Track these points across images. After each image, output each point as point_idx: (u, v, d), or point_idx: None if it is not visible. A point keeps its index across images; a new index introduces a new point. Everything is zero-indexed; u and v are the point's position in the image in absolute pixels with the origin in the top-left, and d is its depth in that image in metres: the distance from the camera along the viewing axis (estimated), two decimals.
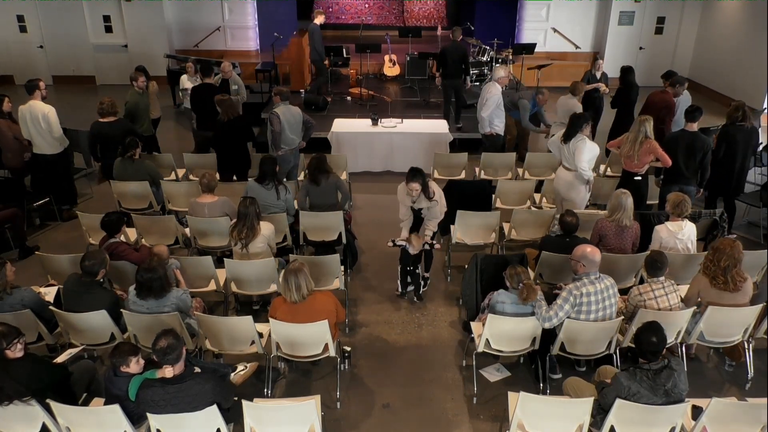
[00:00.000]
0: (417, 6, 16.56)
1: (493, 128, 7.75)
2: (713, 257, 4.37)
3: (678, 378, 3.46)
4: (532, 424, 3.61)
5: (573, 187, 6.03)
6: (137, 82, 7.87)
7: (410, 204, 5.50)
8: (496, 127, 7.76)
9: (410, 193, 5.30)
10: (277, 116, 6.98)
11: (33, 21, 13.09)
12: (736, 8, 12.08)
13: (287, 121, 7.04)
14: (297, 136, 7.21)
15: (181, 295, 4.37)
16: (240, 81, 8.67)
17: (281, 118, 6.97)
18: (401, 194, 5.50)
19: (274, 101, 7.31)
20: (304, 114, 7.34)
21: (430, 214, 5.50)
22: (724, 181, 6.53)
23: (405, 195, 5.43)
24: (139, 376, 3.52)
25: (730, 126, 6.47)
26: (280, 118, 6.96)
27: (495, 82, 7.61)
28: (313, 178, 5.95)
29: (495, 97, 7.56)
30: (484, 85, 7.93)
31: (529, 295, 4.23)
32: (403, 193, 5.44)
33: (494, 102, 7.57)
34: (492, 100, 7.55)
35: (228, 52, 13.55)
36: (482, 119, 7.71)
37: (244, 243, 5.10)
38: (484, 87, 7.81)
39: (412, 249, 5.48)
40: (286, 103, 7.19)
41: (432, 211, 5.47)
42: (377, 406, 4.49)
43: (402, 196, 5.50)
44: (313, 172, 5.95)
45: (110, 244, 5.11)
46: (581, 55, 13.84)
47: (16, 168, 7.15)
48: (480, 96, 7.86)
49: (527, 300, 4.23)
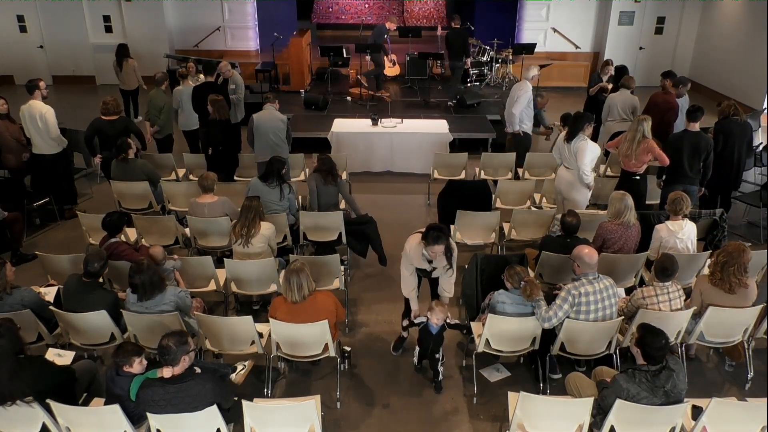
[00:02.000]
0: (417, 6, 16.57)
1: (522, 127, 7.72)
2: (722, 260, 4.35)
3: (677, 378, 3.46)
4: (532, 424, 3.62)
5: (574, 187, 6.03)
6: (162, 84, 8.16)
7: (426, 266, 4.56)
8: (524, 126, 7.76)
9: (430, 256, 4.43)
10: (251, 120, 6.97)
11: (33, 21, 13.09)
12: (736, 8, 12.08)
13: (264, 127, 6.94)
14: (280, 142, 7.06)
15: (180, 294, 4.37)
16: (240, 81, 8.66)
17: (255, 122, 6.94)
18: (413, 254, 4.49)
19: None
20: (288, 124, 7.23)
21: (446, 273, 4.59)
22: (724, 177, 6.54)
23: (419, 255, 4.47)
24: (140, 376, 3.52)
25: (725, 121, 6.49)
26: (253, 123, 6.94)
27: (527, 80, 7.61)
28: (324, 178, 5.95)
29: (527, 95, 7.55)
30: (515, 84, 7.88)
31: (532, 292, 4.21)
32: (417, 253, 4.47)
33: (526, 100, 7.56)
34: (524, 98, 7.54)
35: (228, 52, 13.56)
36: (512, 116, 7.66)
37: (245, 239, 5.10)
38: (515, 85, 7.78)
39: (435, 318, 4.43)
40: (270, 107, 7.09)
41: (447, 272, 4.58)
42: (377, 406, 4.49)
43: (414, 256, 4.49)
44: (326, 174, 5.95)
45: (110, 244, 5.11)
46: (581, 55, 13.85)
47: (15, 168, 7.16)
48: (510, 94, 7.84)
49: (531, 297, 4.21)
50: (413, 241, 4.49)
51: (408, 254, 4.52)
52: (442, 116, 9.75)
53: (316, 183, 6.00)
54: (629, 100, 7.81)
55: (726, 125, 6.46)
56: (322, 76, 12.07)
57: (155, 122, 7.89)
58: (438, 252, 4.33)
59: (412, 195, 8.12)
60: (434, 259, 4.44)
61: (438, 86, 12.06)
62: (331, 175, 5.98)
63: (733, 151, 6.47)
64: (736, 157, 6.51)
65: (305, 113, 10.22)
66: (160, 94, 7.96)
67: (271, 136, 6.98)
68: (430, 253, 4.37)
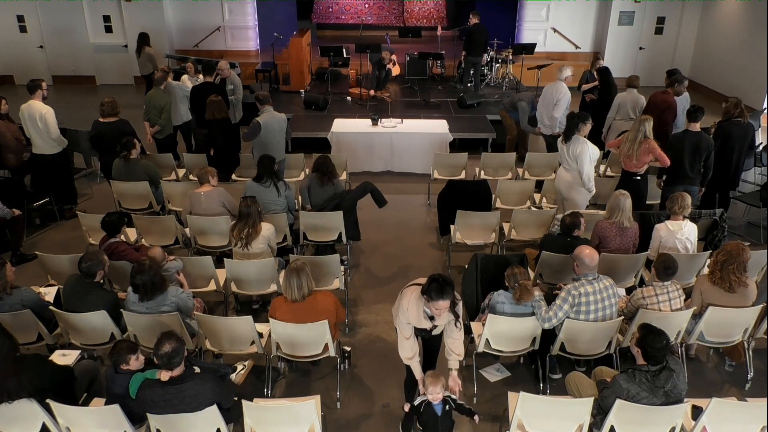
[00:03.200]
0: (417, 6, 16.57)
1: (561, 128, 7.49)
2: (721, 258, 4.35)
3: (677, 378, 3.46)
4: (532, 424, 3.61)
5: (573, 187, 6.03)
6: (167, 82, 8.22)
7: (427, 325, 3.76)
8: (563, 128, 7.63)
9: (433, 312, 3.65)
10: (258, 125, 6.81)
11: (33, 21, 13.10)
12: (736, 8, 12.08)
13: (273, 129, 6.91)
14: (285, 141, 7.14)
15: (181, 295, 4.37)
16: (237, 81, 8.65)
17: (263, 127, 6.82)
18: (412, 312, 3.69)
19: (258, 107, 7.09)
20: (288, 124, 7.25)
21: (453, 330, 3.81)
22: (721, 177, 6.54)
23: (419, 313, 3.69)
24: (140, 374, 3.52)
25: (726, 122, 6.48)
26: (260, 128, 6.79)
27: (561, 81, 7.63)
28: (320, 179, 5.94)
29: (567, 97, 7.61)
30: (548, 86, 7.86)
31: (522, 296, 4.22)
32: (416, 311, 3.69)
33: (566, 102, 7.61)
34: (564, 101, 7.59)
35: (228, 52, 13.56)
36: (554, 119, 7.69)
37: (245, 242, 5.10)
38: (549, 88, 7.77)
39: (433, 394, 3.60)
40: (269, 108, 7.00)
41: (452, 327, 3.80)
42: (377, 406, 4.48)
43: (413, 314, 3.70)
44: (322, 175, 5.93)
45: (110, 244, 5.11)
46: (581, 55, 13.84)
47: (15, 168, 7.16)
48: (544, 98, 7.84)
49: (520, 300, 4.23)
50: (411, 296, 3.70)
51: (405, 312, 3.71)
52: (442, 116, 9.75)
53: (310, 183, 6.00)
54: (638, 99, 7.88)
55: (727, 127, 6.44)
56: (322, 76, 12.08)
57: (155, 122, 7.89)
58: (443, 308, 3.58)
59: (412, 195, 8.12)
60: (438, 316, 3.68)
61: (438, 86, 12.07)
62: (327, 176, 5.96)
63: (732, 153, 6.46)
64: (735, 158, 6.50)
65: (305, 113, 10.23)
66: (160, 93, 7.96)
67: (279, 137, 7.01)
68: (433, 310, 3.61)
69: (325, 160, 6.02)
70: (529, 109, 8.40)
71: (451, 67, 12.88)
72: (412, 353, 3.80)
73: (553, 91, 7.66)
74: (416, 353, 3.82)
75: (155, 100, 7.89)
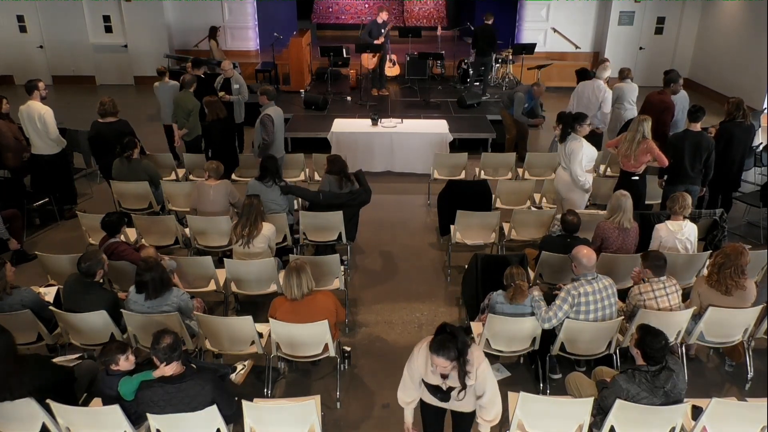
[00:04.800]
0: (417, 6, 16.57)
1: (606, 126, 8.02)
2: (719, 261, 4.35)
3: (677, 378, 3.46)
4: (532, 424, 3.61)
5: (571, 187, 6.03)
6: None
7: (439, 382, 3.23)
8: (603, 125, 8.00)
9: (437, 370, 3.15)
10: (271, 119, 6.81)
11: (33, 21, 13.09)
12: (736, 8, 12.08)
13: (279, 123, 6.99)
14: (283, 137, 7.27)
15: (183, 297, 4.37)
16: (242, 80, 8.68)
17: (275, 121, 6.85)
18: (418, 362, 3.25)
19: (261, 101, 7.11)
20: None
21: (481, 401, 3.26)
22: (723, 178, 6.53)
23: (424, 365, 3.23)
24: (129, 377, 3.51)
25: (729, 123, 6.47)
26: (273, 122, 6.81)
27: (600, 80, 7.84)
28: (339, 181, 5.91)
29: (609, 93, 7.82)
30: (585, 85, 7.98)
31: (515, 296, 4.23)
32: (422, 361, 3.23)
33: (611, 98, 7.82)
34: (609, 97, 7.80)
35: (228, 52, 13.53)
36: (606, 116, 7.90)
37: (247, 240, 5.10)
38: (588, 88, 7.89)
39: None
40: (273, 104, 7.06)
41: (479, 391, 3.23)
42: (377, 406, 4.48)
43: (419, 365, 3.25)
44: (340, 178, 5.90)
45: (110, 244, 5.11)
46: (581, 56, 13.85)
47: (15, 168, 7.16)
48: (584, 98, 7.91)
49: (513, 301, 4.24)
50: (424, 343, 3.25)
51: (414, 359, 3.28)
52: (442, 116, 9.75)
53: (329, 186, 5.94)
54: (634, 88, 8.09)
55: (729, 128, 6.43)
56: (322, 76, 12.08)
57: (183, 125, 7.85)
58: (442, 367, 3.06)
59: (412, 195, 8.12)
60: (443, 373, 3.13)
61: (438, 86, 12.07)
62: (345, 176, 5.95)
63: (734, 153, 6.45)
64: (736, 161, 6.49)
65: (305, 113, 10.23)
66: (189, 96, 7.86)
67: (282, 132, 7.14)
68: (435, 365, 3.10)
69: (342, 161, 6.01)
70: (526, 99, 8.40)
71: (451, 67, 12.87)
72: (410, 399, 3.42)
73: (593, 90, 7.84)
74: (414, 400, 3.44)
75: (184, 103, 7.81)
